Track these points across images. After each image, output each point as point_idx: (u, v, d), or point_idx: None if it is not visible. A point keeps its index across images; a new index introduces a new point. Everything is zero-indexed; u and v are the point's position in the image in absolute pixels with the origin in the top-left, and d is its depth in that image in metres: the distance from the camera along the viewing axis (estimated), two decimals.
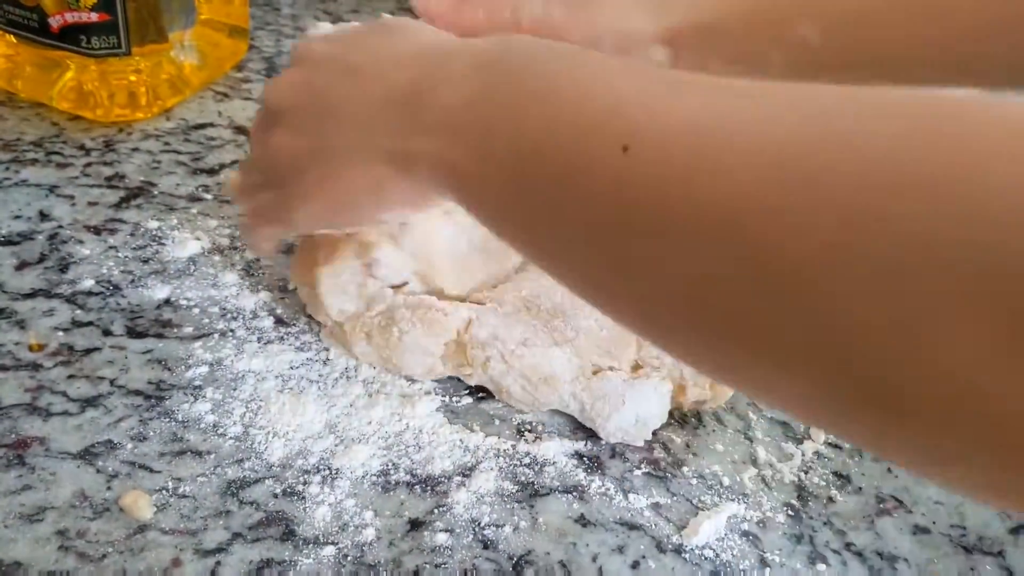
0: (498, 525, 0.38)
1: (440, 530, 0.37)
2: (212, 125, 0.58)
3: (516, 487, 0.40)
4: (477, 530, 0.38)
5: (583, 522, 0.39)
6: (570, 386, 0.42)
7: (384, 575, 0.36)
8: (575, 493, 0.40)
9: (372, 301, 0.43)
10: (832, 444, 0.45)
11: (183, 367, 0.42)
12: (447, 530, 0.37)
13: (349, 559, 0.36)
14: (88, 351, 0.42)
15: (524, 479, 0.40)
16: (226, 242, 0.49)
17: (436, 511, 0.38)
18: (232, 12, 0.62)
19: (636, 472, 0.42)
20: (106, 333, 0.43)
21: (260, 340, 0.44)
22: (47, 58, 0.55)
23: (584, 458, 0.42)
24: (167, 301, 0.45)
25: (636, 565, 0.38)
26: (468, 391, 0.44)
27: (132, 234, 0.49)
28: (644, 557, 0.38)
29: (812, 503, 0.42)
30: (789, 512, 0.41)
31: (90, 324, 0.43)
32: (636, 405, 0.41)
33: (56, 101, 0.56)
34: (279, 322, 0.45)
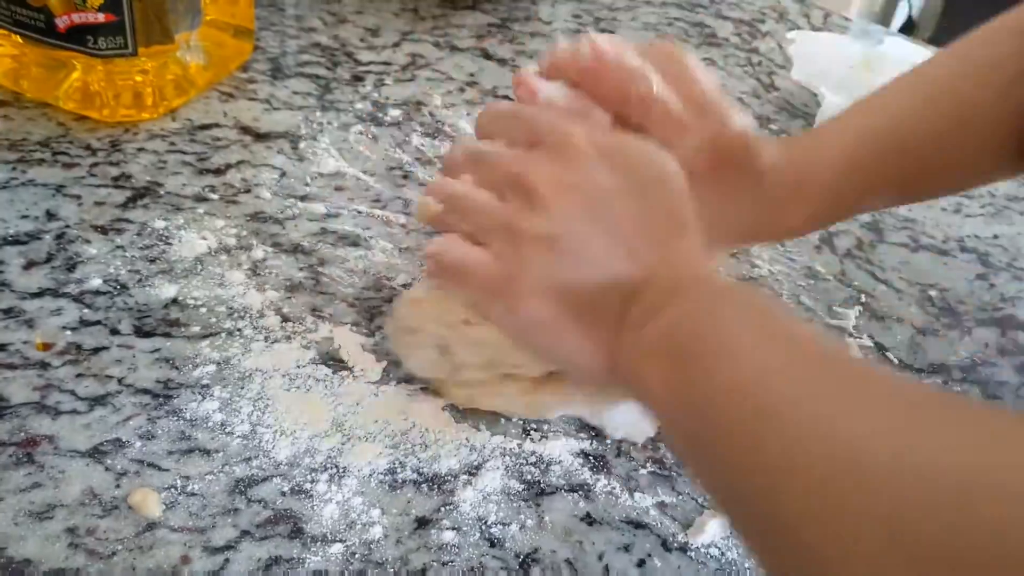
0: (504, 523, 0.38)
1: (447, 528, 0.38)
2: (218, 125, 0.58)
3: (522, 486, 0.40)
4: (484, 528, 0.38)
5: (589, 521, 0.39)
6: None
7: (392, 573, 0.36)
8: (581, 492, 0.40)
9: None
10: None
11: (190, 366, 0.42)
12: (454, 528, 0.38)
13: (357, 557, 0.36)
14: (96, 350, 0.42)
15: (530, 478, 0.40)
16: (232, 242, 0.49)
17: (443, 509, 0.38)
18: (237, 13, 0.63)
19: (642, 471, 0.42)
20: (114, 332, 0.43)
21: (267, 339, 0.44)
22: (53, 58, 0.55)
23: (590, 457, 0.42)
24: (174, 300, 0.45)
25: (642, 563, 0.38)
26: None
27: (139, 234, 0.49)
28: (650, 556, 0.38)
29: None
30: None
31: (98, 323, 0.43)
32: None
33: (62, 101, 0.56)
34: (286, 321, 0.45)
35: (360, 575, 0.35)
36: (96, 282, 0.45)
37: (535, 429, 0.43)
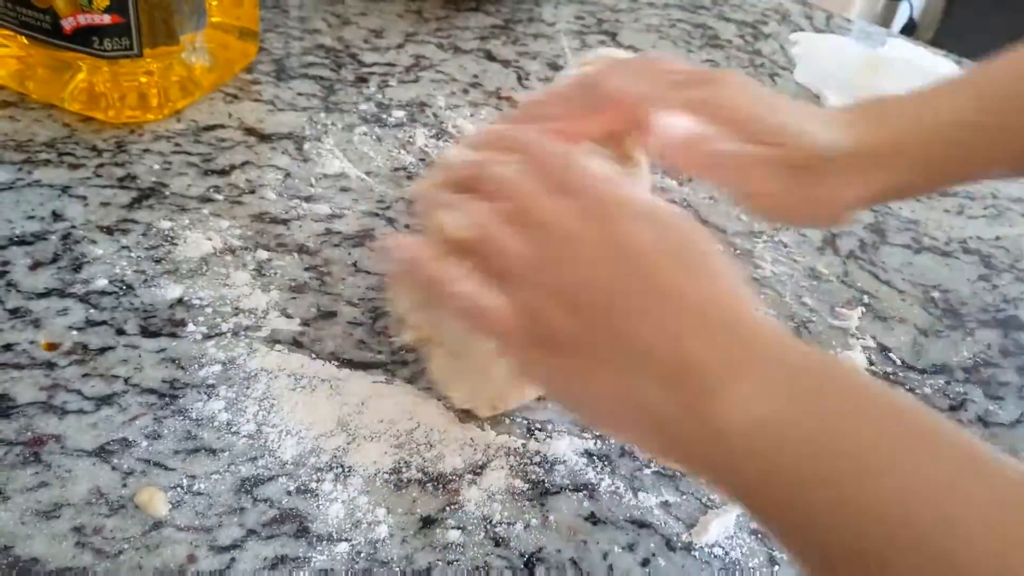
0: (509, 523, 0.38)
1: (452, 527, 0.38)
2: (222, 126, 0.58)
3: (527, 485, 0.40)
4: (488, 528, 0.38)
5: (593, 520, 0.39)
6: None
7: (397, 572, 0.36)
8: (585, 491, 0.40)
9: None
10: None
11: (196, 366, 0.42)
12: (459, 527, 0.38)
13: (362, 556, 0.36)
14: (102, 350, 0.42)
15: (535, 477, 0.40)
16: (237, 242, 0.50)
17: (448, 509, 0.38)
18: (242, 14, 0.63)
19: (645, 471, 0.42)
20: (120, 332, 0.43)
21: (272, 339, 0.44)
22: (59, 60, 0.55)
23: (594, 457, 0.42)
24: (180, 300, 0.45)
25: (646, 563, 0.38)
26: None
27: (144, 234, 0.49)
28: (654, 555, 0.38)
29: None
30: None
31: (104, 323, 0.44)
32: None
33: (68, 102, 0.56)
34: (291, 320, 0.46)
35: (365, 574, 0.36)
36: (102, 282, 0.46)
37: (539, 429, 0.43)
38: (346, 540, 0.36)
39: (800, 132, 0.42)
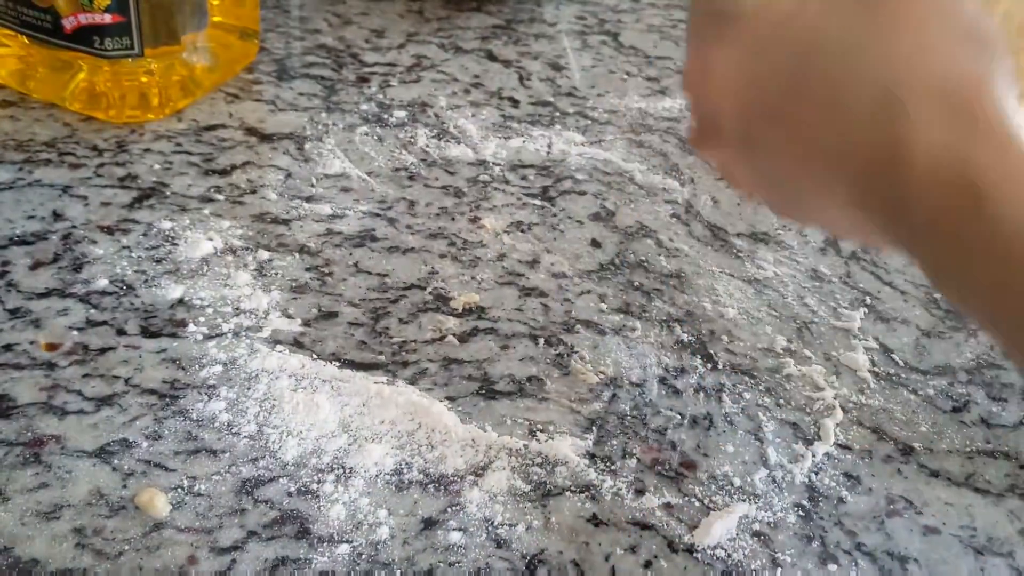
0: (511, 524, 0.38)
1: (453, 529, 0.38)
2: (223, 126, 0.58)
3: (529, 486, 0.40)
4: (490, 529, 0.38)
5: (595, 522, 0.39)
6: None
7: (398, 574, 0.36)
8: (587, 493, 0.40)
9: None
10: (842, 445, 0.45)
11: (197, 366, 0.42)
12: (460, 529, 0.38)
13: (363, 557, 0.36)
14: (103, 350, 0.42)
15: (536, 479, 0.40)
16: (238, 242, 0.50)
17: (449, 510, 0.38)
18: (243, 14, 0.63)
19: (648, 472, 0.42)
20: (120, 332, 0.43)
21: (273, 340, 0.44)
22: (60, 59, 0.55)
23: (595, 458, 0.42)
24: (181, 301, 0.45)
25: (648, 565, 0.38)
26: (480, 391, 0.44)
27: (145, 234, 0.49)
28: (656, 557, 0.38)
29: (823, 504, 0.42)
30: (800, 513, 0.41)
31: (104, 323, 0.44)
32: None
33: (68, 102, 0.56)
34: (292, 321, 0.45)
35: None
36: (102, 282, 0.46)
37: (541, 430, 0.43)
38: (347, 541, 0.36)
39: None
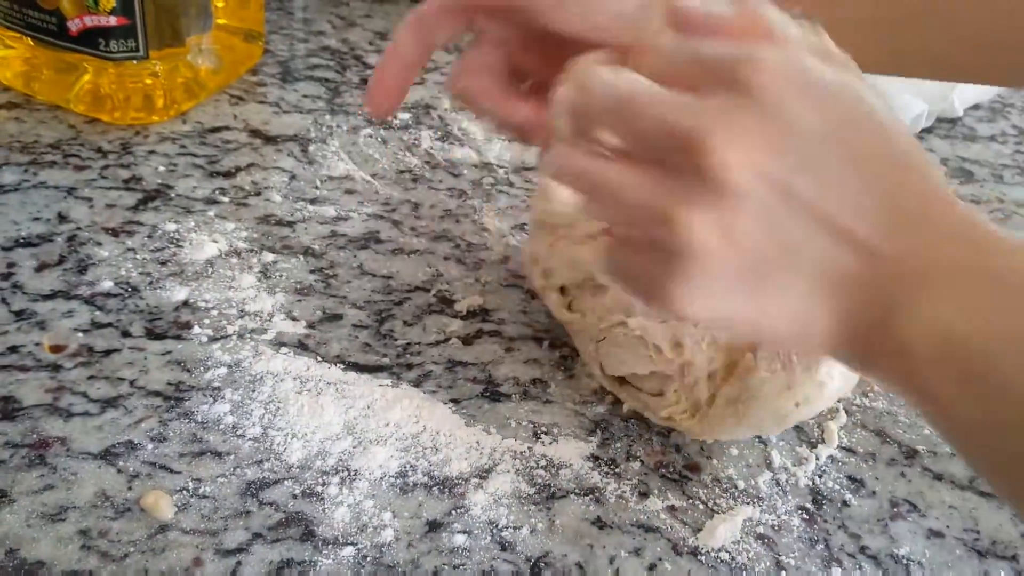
0: (515, 527, 0.38)
1: (458, 531, 0.38)
2: (228, 128, 0.58)
3: (533, 489, 0.40)
4: (495, 532, 0.38)
5: (600, 524, 0.39)
6: None
7: None
8: (592, 495, 0.40)
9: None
10: (846, 448, 0.45)
11: (202, 368, 0.42)
12: (465, 531, 0.38)
13: (368, 560, 0.36)
14: (108, 352, 0.42)
15: (541, 481, 0.40)
16: (243, 244, 0.50)
17: (454, 512, 0.38)
18: (247, 16, 0.63)
19: (652, 475, 0.42)
20: (125, 334, 0.43)
21: (278, 342, 0.44)
22: (65, 61, 0.55)
23: (600, 461, 0.42)
24: (185, 303, 0.45)
25: (653, 567, 0.38)
26: (484, 394, 0.44)
27: (150, 236, 0.49)
28: (661, 560, 0.38)
29: (827, 507, 0.42)
30: (804, 516, 0.41)
31: (109, 325, 0.44)
32: None
33: (73, 104, 0.56)
34: (296, 323, 0.45)
35: None
36: (107, 284, 0.46)
37: (545, 432, 0.43)
38: (352, 544, 0.36)
39: None
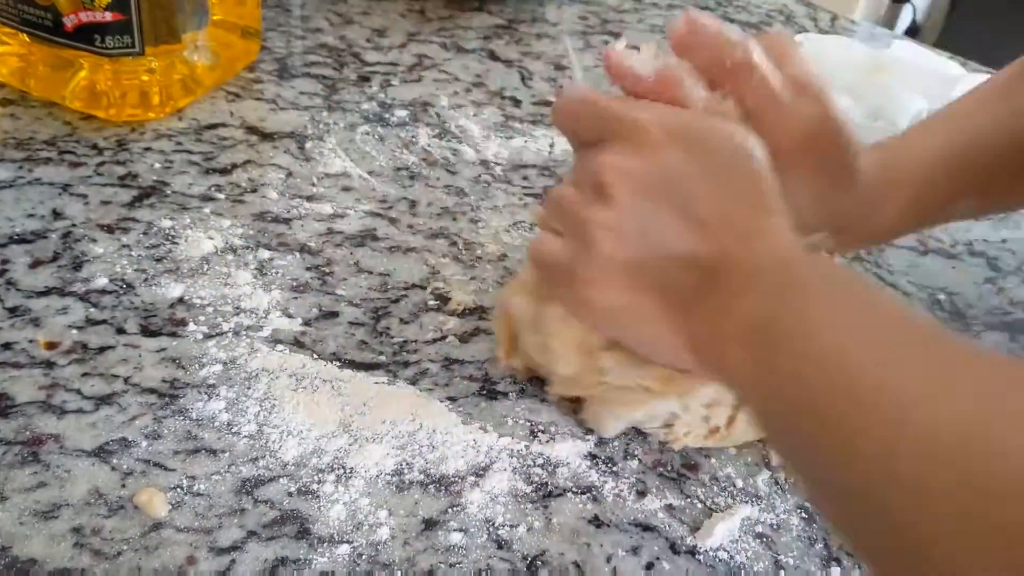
0: (512, 525, 0.38)
1: (454, 530, 0.37)
2: (224, 125, 0.58)
3: (530, 487, 0.40)
4: (491, 530, 0.38)
5: (597, 523, 0.39)
6: None
7: (399, 574, 0.35)
8: (589, 494, 0.40)
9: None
10: None
11: (197, 365, 0.42)
12: (461, 530, 0.37)
13: (364, 558, 0.36)
14: (102, 349, 0.42)
15: (538, 480, 0.40)
16: (239, 241, 0.49)
17: (450, 511, 0.38)
18: (244, 13, 0.63)
19: (650, 474, 0.41)
20: (120, 331, 0.43)
21: (273, 339, 0.44)
22: (60, 57, 0.55)
23: (597, 459, 0.42)
24: (181, 300, 0.45)
25: (650, 566, 0.38)
26: (481, 392, 0.44)
27: (145, 233, 0.49)
28: (658, 558, 0.38)
29: None
30: (803, 515, 0.41)
31: (104, 322, 0.43)
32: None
33: (69, 100, 0.56)
34: (292, 320, 0.45)
35: None
36: (102, 281, 0.45)
37: (543, 431, 0.42)
38: (347, 542, 0.36)
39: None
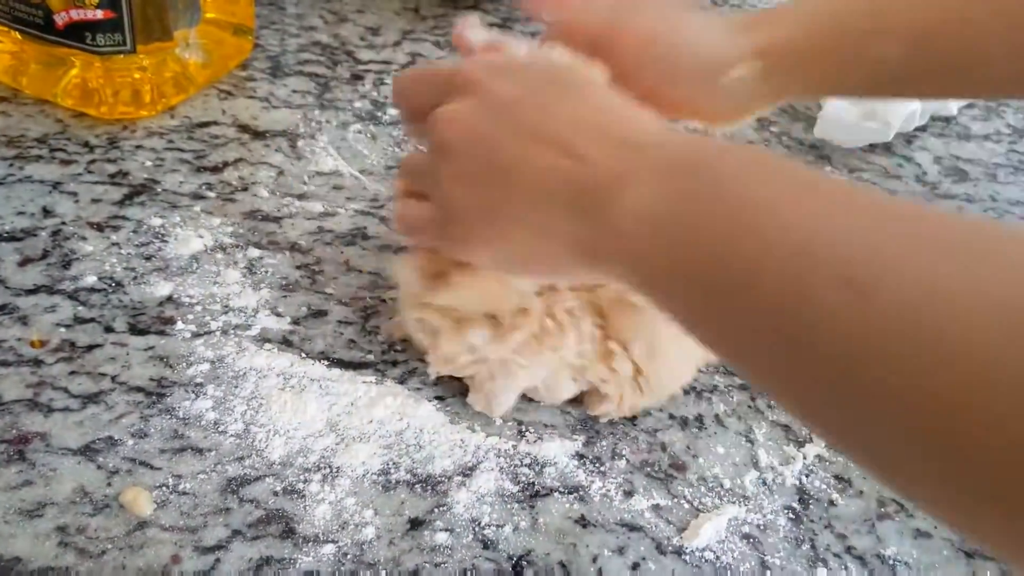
0: (498, 525, 0.38)
1: (440, 529, 0.37)
2: (216, 123, 0.58)
3: (517, 487, 0.40)
4: (477, 530, 0.38)
5: (583, 523, 0.39)
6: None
7: (384, 574, 0.35)
8: (576, 494, 0.40)
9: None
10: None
11: (184, 364, 0.42)
12: (447, 529, 0.37)
13: (349, 557, 0.36)
14: (90, 347, 0.42)
15: (525, 479, 0.40)
16: (229, 240, 0.49)
17: (436, 510, 0.38)
18: (237, 11, 0.62)
19: (637, 474, 0.41)
20: (108, 330, 0.43)
21: (262, 338, 0.44)
22: (52, 55, 0.55)
23: (585, 459, 0.42)
24: (169, 298, 0.45)
25: (636, 567, 0.38)
26: (468, 391, 0.44)
27: (135, 231, 0.49)
28: (644, 559, 0.38)
29: (813, 506, 0.41)
30: (790, 515, 0.41)
31: (92, 321, 0.43)
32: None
33: (60, 98, 0.56)
34: (281, 319, 0.45)
35: None
36: (91, 279, 0.45)
37: (530, 431, 0.42)
38: (332, 541, 0.36)
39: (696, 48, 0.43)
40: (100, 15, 0.52)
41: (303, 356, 0.44)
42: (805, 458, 0.44)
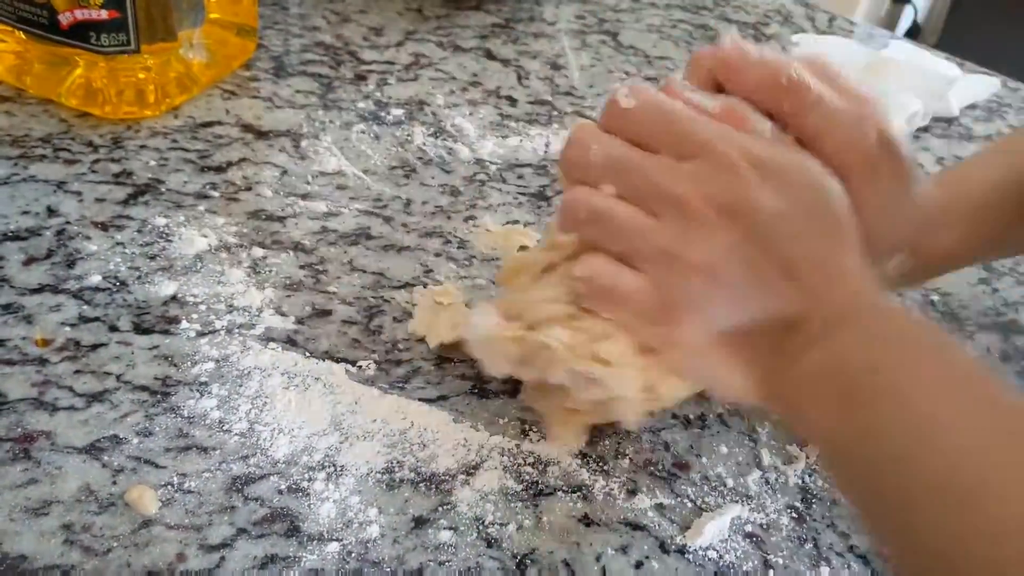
0: (502, 523, 0.38)
1: (444, 528, 0.37)
2: (220, 123, 0.58)
3: (520, 486, 0.40)
4: (481, 528, 0.38)
5: (587, 522, 0.39)
6: None
7: (388, 572, 0.36)
8: (579, 493, 0.40)
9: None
10: None
11: (189, 363, 0.42)
12: (451, 528, 0.38)
13: (353, 556, 0.36)
14: (95, 346, 0.42)
15: (528, 478, 0.40)
16: (233, 240, 0.49)
17: (440, 509, 0.38)
18: (241, 11, 0.63)
19: (640, 473, 0.42)
20: (112, 329, 0.43)
21: (266, 337, 0.44)
22: (56, 55, 0.55)
23: (588, 458, 0.42)
24: (174, 297, 0.45)
25: (639, 565, 0.38)
26: (473, 390, 0.44)
27: (139, 231, 0.49)
28: (648, 557, 0.38)
29: (816, 506, 0.42)
30: (793, 514, 0.41)
31: (97, 320, 0.43)
32: None
33: (64, 98, 0.56)
34: (285, 318, 0.45)
35: (356, 574, 0.35)
36: (96, 279, 0.45)
37: (534, 430, 0.42)
38: (337, 540, 0.36)
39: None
40: (104, 15, 0.52)
41: (307, 355, 0.44)
42: (808, 458, 0.44)
